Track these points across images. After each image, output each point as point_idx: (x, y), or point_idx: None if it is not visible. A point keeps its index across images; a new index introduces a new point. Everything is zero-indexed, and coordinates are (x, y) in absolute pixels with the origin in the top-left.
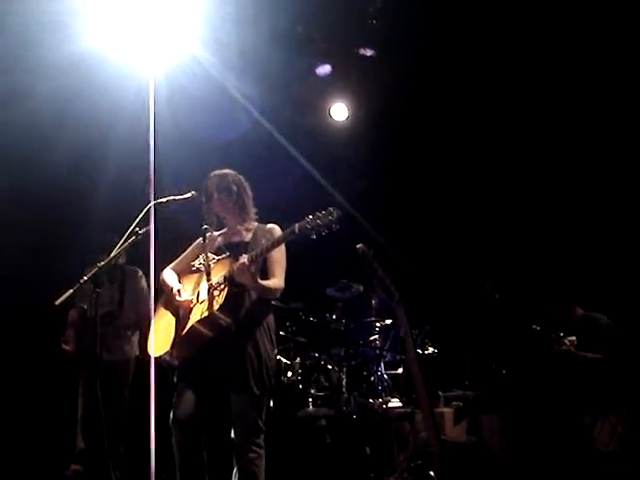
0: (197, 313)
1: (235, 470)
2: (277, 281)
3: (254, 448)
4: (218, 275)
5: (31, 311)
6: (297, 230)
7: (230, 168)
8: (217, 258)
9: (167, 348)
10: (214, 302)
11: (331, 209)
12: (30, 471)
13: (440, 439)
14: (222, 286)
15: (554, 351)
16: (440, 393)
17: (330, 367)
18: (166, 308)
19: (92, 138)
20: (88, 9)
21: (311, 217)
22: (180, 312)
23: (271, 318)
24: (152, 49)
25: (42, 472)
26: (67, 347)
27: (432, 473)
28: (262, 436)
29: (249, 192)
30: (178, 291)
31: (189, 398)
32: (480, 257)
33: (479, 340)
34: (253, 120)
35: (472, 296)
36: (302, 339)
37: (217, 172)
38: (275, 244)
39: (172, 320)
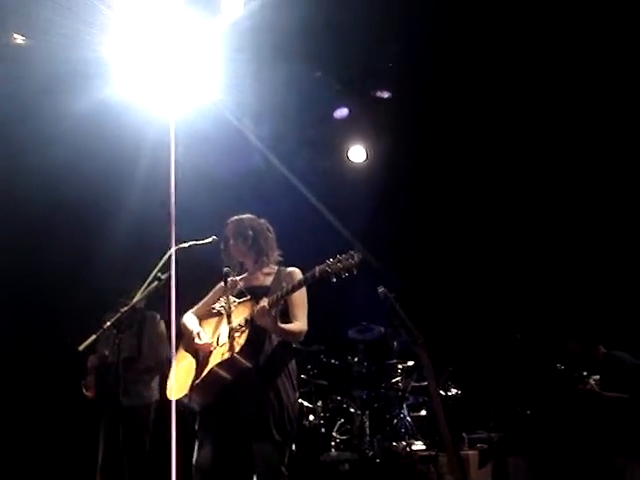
0: (217, 356)
1: None
2: (300, 324)
3: None
4: (239, 318)
5: (52, 356)
6: (318, 274)
7: (246, 210)
8: (238, 301)
9: (186, 391)
10: (234, 345)
11: (352, 252)
12: None
13: None
14: (243, 329)
15: (578, 391)
16: (464, 435)
17: (352, 410)
18: (186, 351)
19: (114, 181)
20: (112, 58)
21: (332, 260)
22: (200, 355)
23: (293, 362)
24: (171, 94)
25: None
26: (88, 393)
27: None
28: None
29: (268, 235)
30: (198, 334)
31: (209, 445)
32: (502, 297)
33: (503, 380)
34: (269, 163)
35: (494, 336)
36: (324, 382)
37: (234, 218)
38: (295, 287)
39: (192, 363)
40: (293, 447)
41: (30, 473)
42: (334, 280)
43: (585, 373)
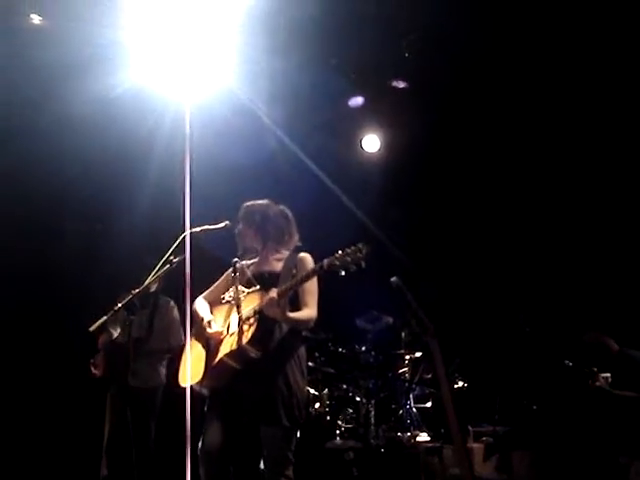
0: (227, 345)
1: None
2: (309, 311)
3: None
4: (248, 308)
5: (62, 335)
6: (325, 266)
7: (261, 195)
8: (247, 291)
9: (197, 379)
10: (243, 335)
11: (360, 245)
12: None
13: (474, 475)
14: (252, 319)
15: (588, 388)
16: (470, 428)
17: (358, 399)
18: (197, 339)
19: (129, 166)
20: (128, 43)
21: (340, 253)
22: (210, 343)
23: (302, 350)
24: (187, 79)
25: None
26: (96, 371)
27: None
28: (291, 468)
29: (280, 222)
30: (209, 322)
31: (217, 428)
32: (513, 289)
33: (510, 374)
34: (284, 147)
35: (503, 329)
36: (331, 370)
37: (246, 204)
38: (304, 279)
39: (202, 351)
40: (298, 434)
41: (36, 451)
42: (342, 273)
43: (596, 369)
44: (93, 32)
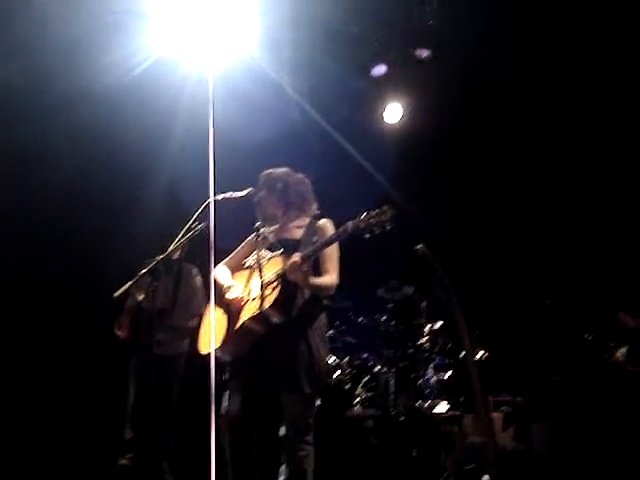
0: (249, 310)
1: (283, 466)
2: (330, 278)
3: (304, 445)
4: (270, 272)
5: (87, 301)
6: (350, 229)
7: (284, 165)
8: (269, 255)
9: (218, 345)
10: (266, 300)
11: (385, 207)
12: (78, 461)
13: (496, 443)
14: (274, 284)
15: (604, 362)
16: (489, 397)
17: (378, 368)
18: (219, 305)
19: (150, 135)
20: (148, 11)
21: (364, 216)
22: (231, 309)
23: (323, 317)
24: (209, 49)
25: (90, 463)
26: (120, 333)
27: (486, 477)
28: (311, 434)
29: (301, 189)
30: (228, 288)
31: (240, 395)
32: (534, 261)
33: (530, 345)
34: (307, 117)
35: (524, 300)
36: (351, 339)
37: (267, 171)
38: (327, 243)
39: (224, 317)
40: (318, 401)
41: (60, 415)
42: (367, 236)
43: (613, 344)
44: (113, 0)
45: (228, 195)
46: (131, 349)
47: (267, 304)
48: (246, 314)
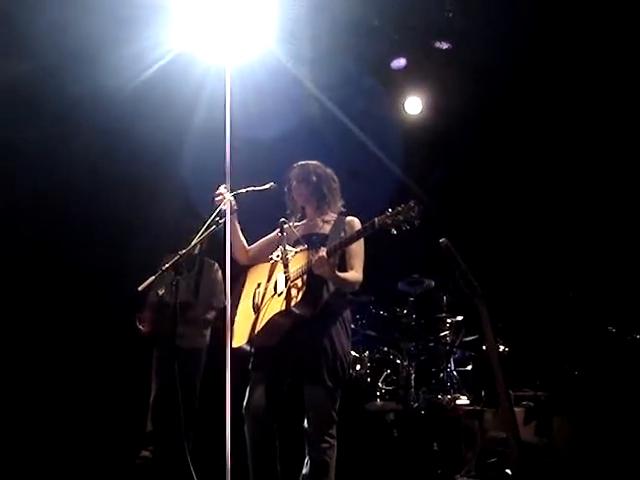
0: (276, 305)
1: (307, 459)
2: (356, 274)
3: (327, 438)
4: (296, 267)
5: (109, 295)
6: (377, 225)
7: (303, 159)
8: (295, 250)
9: (245, 339)
10: (293, 295)
11: (412, 203)
12: (100, 453)
13: (519, 437)
14: (300, 280)
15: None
16: (510, 392)
17: (399, 362)
18: (244, 298)
19: (168, 128)
20: (167, 5)
21: (391, 211)
22: (257, 302)
23: (348, 312)
24: (228, 43)
25: (112, 455)
26: (142, 327)
27: (509, 471)
28: (335, 427)
29: (332, 184)
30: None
31: (262, 387)
32: (556, 254)
33: (552, 339)
34: (326, 111)
35: (546, 293)
36: (372, 332)
37: (300, 162)
38: (354, 238)
39: (249, 308)
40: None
41: (85, 406)
42: (394, 232)
43: (638, 337)
44: None
45: (251, 189)
46: (153, 343)
47: (294, 301)
48: (273, 309)
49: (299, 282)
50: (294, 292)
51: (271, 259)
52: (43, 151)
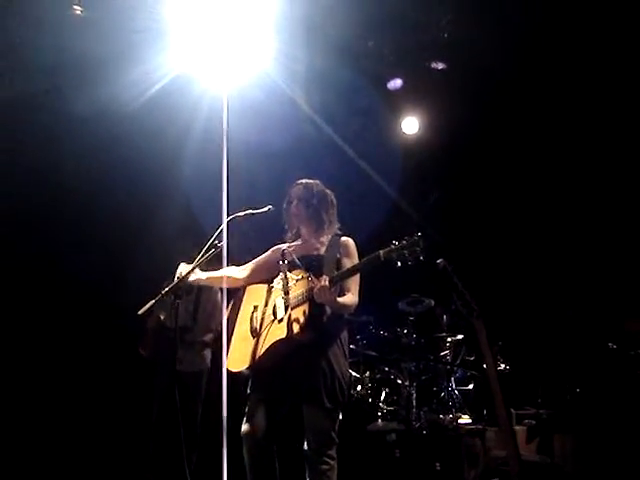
0: (276, 332)
1: None
2: (352, 297)
3: (326, 460)
4: (296, 293)
5: (108, 317)
6: (382, 257)
7: (298, 179)
8: (296, 279)
9: (246, 364)
10: (294, 323)
11: (416, 237)
12: (104, 477)
13: (520, 457)
14: (300, 308)
15: (631, 373)
16: (512, 411)
17: (400, 382)
18: (241, 321)
19: (167, 149)
20: (166, 29)
21: (397, 244)
22: (256, 327)
23: (345, 333)
24: (225, 66)
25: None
26: (143, 352)
27: None
28: (335, 448)
29: (330, 209)
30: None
31: (261, 409)
32: (555, 273)
33: (553, 357)
34: (321, 132)
35: (546, 312)
36: (372, 353)
37: (304, 180)
38: (357, 270)
39: (250, 336)
40: (340, 415)
41: (87, 430)
42: (398, 265)
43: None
44: (131, 19)
45: (249, 212)
46: (154, 367)
47: (296, 328)
48: (274, 335)
49: (300, 310)
50: (295, 319)
51: (272, 287)
52: (44, 169)
